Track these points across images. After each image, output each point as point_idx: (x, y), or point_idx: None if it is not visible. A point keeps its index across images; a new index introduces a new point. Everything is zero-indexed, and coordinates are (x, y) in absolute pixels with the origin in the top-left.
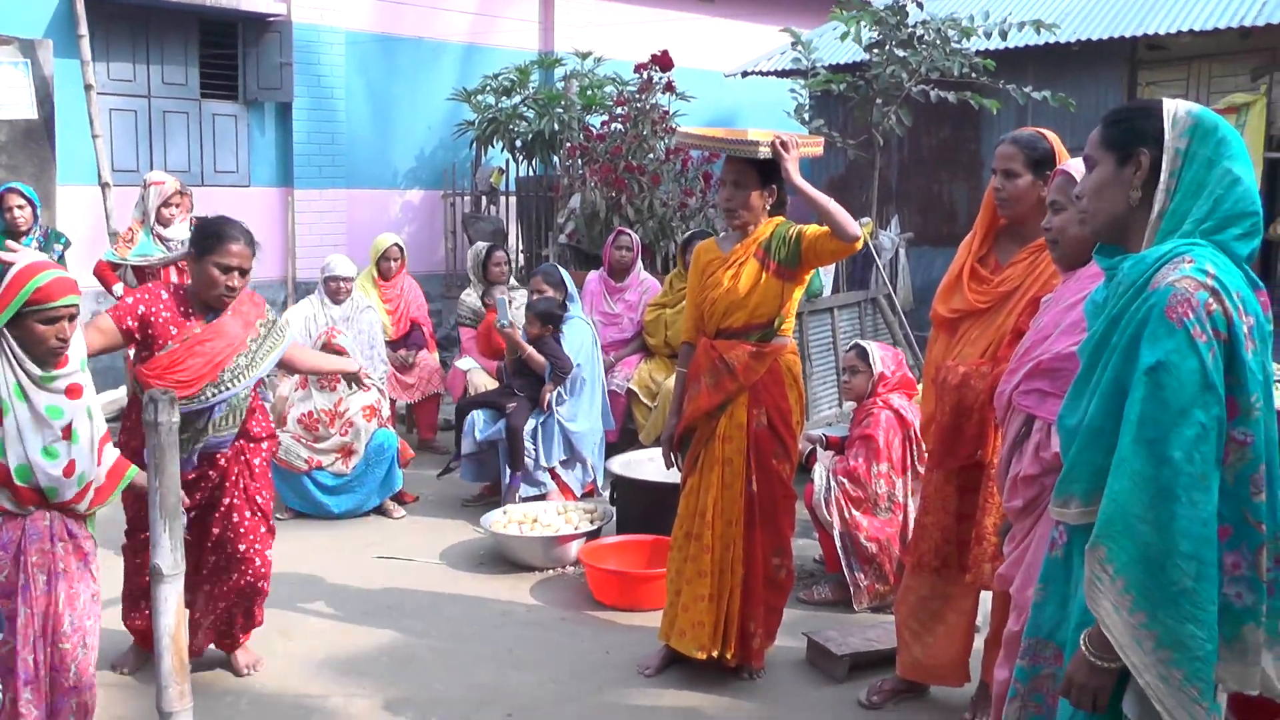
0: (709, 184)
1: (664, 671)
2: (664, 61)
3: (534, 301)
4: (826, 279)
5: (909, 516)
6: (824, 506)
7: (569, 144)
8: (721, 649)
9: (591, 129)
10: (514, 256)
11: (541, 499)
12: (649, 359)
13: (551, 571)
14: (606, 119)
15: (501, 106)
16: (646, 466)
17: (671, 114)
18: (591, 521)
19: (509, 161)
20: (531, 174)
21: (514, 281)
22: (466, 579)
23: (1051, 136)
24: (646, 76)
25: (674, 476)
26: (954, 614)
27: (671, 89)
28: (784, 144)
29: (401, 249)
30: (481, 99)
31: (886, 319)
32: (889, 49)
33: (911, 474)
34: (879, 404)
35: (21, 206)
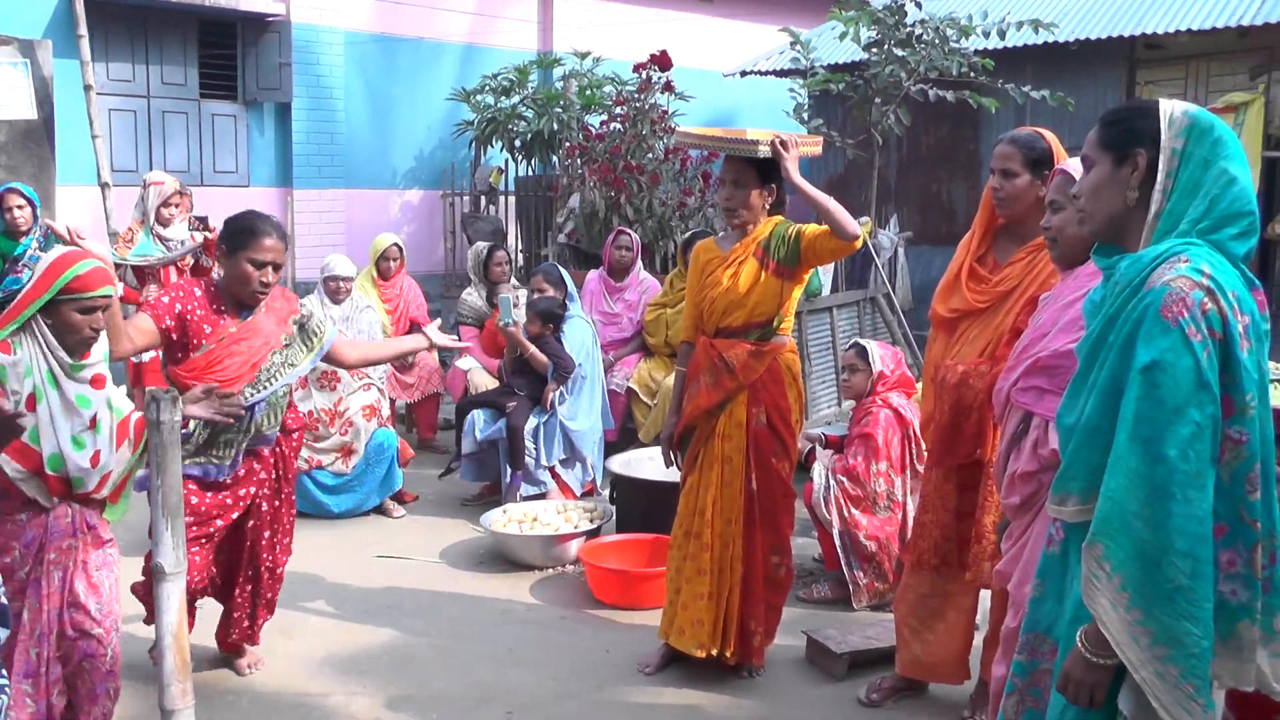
0: (708, 183)
1: (664, 670)
2: (663, 61)
3: (535, 300)
4: (826, 278)
5: (908, 515)
6: (823, 505)
7: (568, 144)
8: (721, 647)
9: (590, 129)
10: (513, 256)
11: (541, 498)
12: (648, 358)
13: (551, 570)
14: (605, 119)
15: (500, 106)
16: (646, 465)
17: (670, 114)
18: (591, 520)
19: (508, 161)
20: (530, 174)
21: (515, 281)
22: (466, 578)
23: (1049, 136)
24: (645, 76)
25: (673, 475)
26: (953, 612)
27: (670, 89)
28: (783, 143)
29: (401, 249)
30: (480, 99)
31: (885, 318)
32: (888, 48)
33: (910, 472)
34: (878, 403)
35: (21, 206)
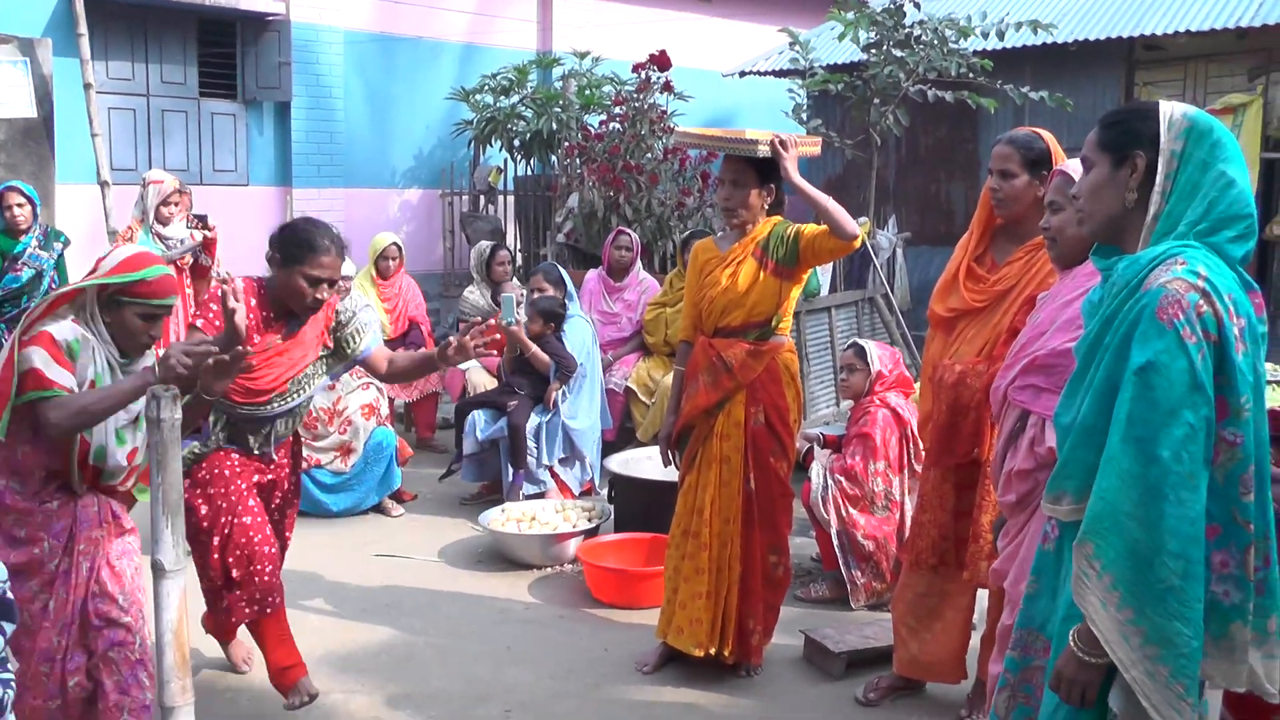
0: (707, 183)
1: (662, 669)
2: (662, 61)
3: (537, 299)
4: (824, 278)
5: (906, 515)
6: (821, 505)
7: (567, 143)
8: (719, 646)
9: (589, 128)
10: (512, 256)
11: (541, 497)
12: (646, 357)
13: (550, 569)
14: (604, 118)
15: (500, 106)
16: (644, 464)
17: (669, 114)
18: (590, 519)
19: (507, 161)
20: (529, 173)
21: (515, 281)
22: (465, 577)
23: (1047, 136)
24: (644, 76)
25: (672, 474)
26: (951, 611)
27: (669, 89)
28: (782, 143)
29: (400, 248)
30: (480, 98)
31: (884, 318)
32: (886, 49)
33: (908, 472)
34: (876, 402)
35: (21, 205)
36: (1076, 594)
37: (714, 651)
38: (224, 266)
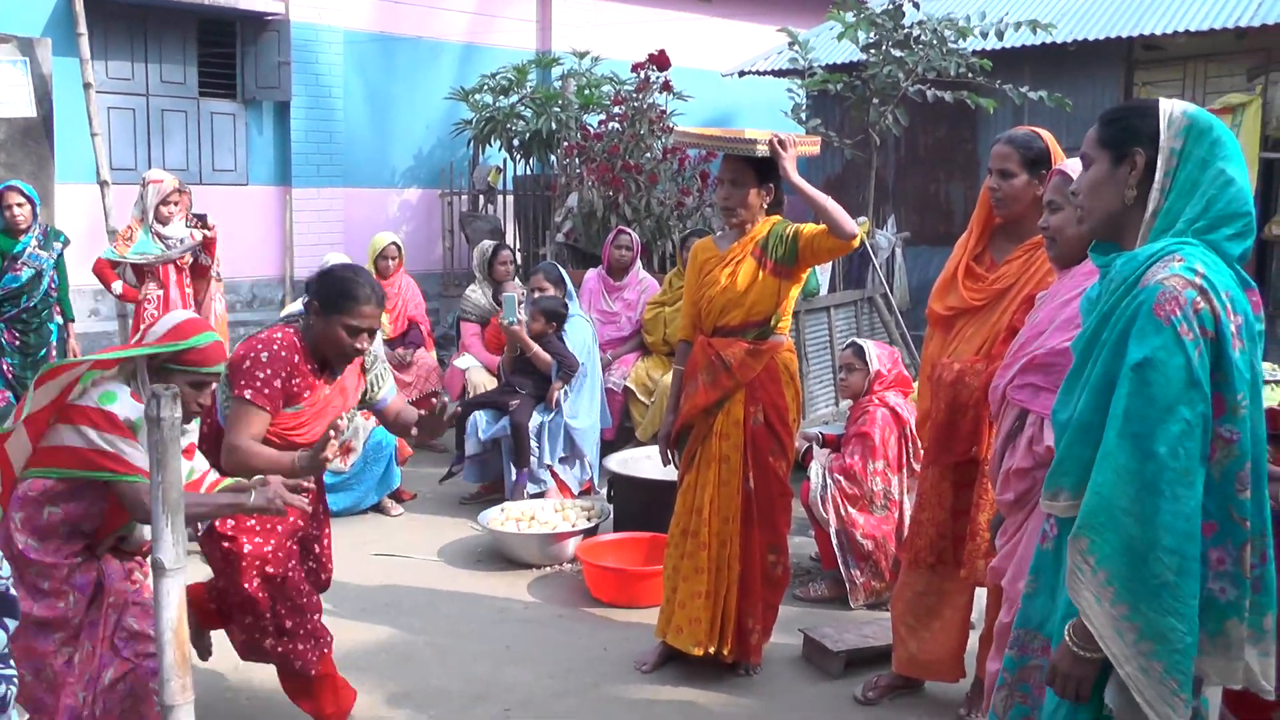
0: (706, 183)
1: (661, 667)
2: (661, 61)
3: (539, 299)
4: (823, 278)
5: (905, 514)
6: (820, 504)
7: (566, 143)
8: (718, 645)
9: (589, 128)
10: (513, 255)
11: (540, 497)
12: (645, 357)
13: (549, 569)
14: (604, 118)
15: (499, 106)
16: (644, 464)
17: (669, 113)
18: (589, 519)
19: (506, 160)
20: (529, 173)
21: (517, 281)
22: (464, 576)
23: (1046, 136)
24: (644, 76)
25: (671, 474)
26: (949, 610)
27: (669, 88)
28: (781, 142)
29: (399, 248)
30: (479, 98)
31: (883, 318)
32: (886, 49)
33: (907, 471)
34: (875, 402)
35: (21, 205)
36: (1071, 589)
37: (713, 650)
38: (223, 266)
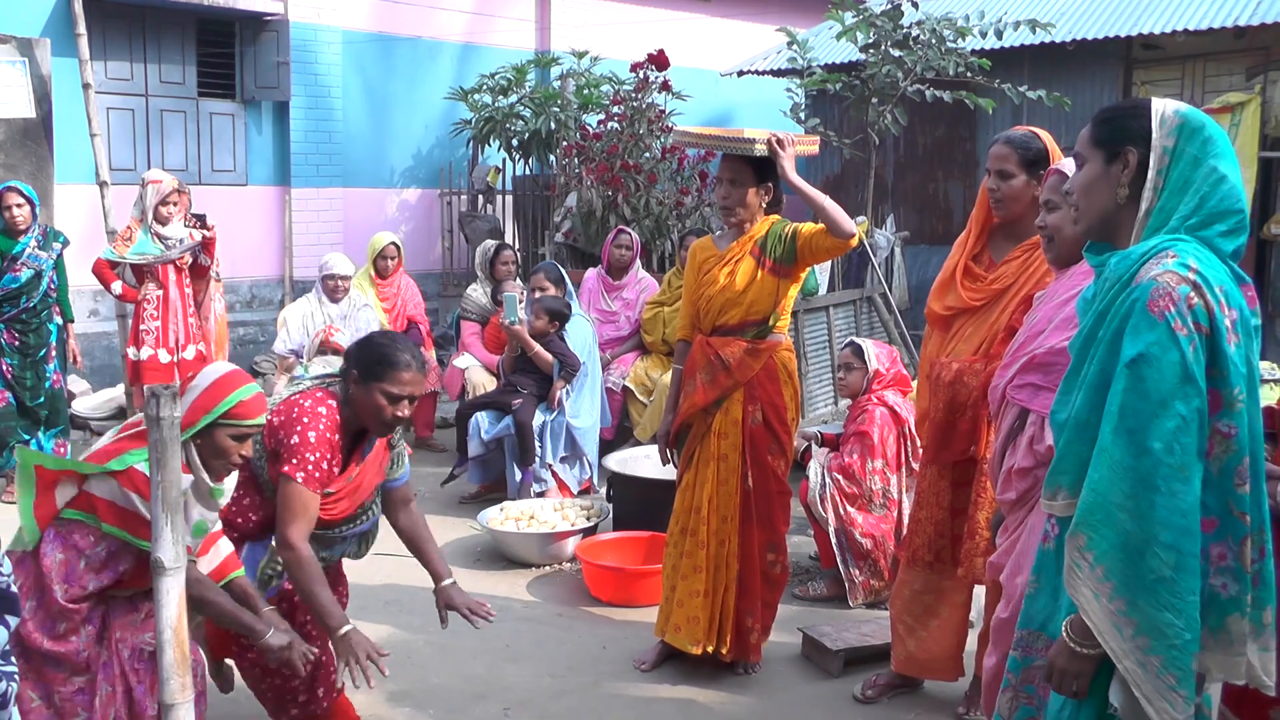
0: (705, 182)
1: (660, 666)
2: (660, 60)
3: (542, 298)
4: (822, 278)
5: (903, 513)
6: (819, 503)
7: (565, 143)
8: (716, 644)
9: (588, 128)
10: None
11: (541, 496)
12: (644, 356)
13: (548, 568)
14: (603, 118)
15: (498, 105)
16: (643, 463)
17: (668, 113)
18: (588, 518)
19: (505, 160)
20: (528, 173)
21: (517, 281)
22: (464, 575)
23: (1044, 135)
24: (643, 75)
25: (670, 473)
26: (947, 608)
27: (668, 88)
28: (780, 142)
29: (399, 247)
30: (478, 98)
31: (882, 317)
32: (884, 49)
33: (906, 470)
34: (874, 401)
35: (20, 205)
36: (1068, 585)
37: (711, 649)
38: (223, 266)
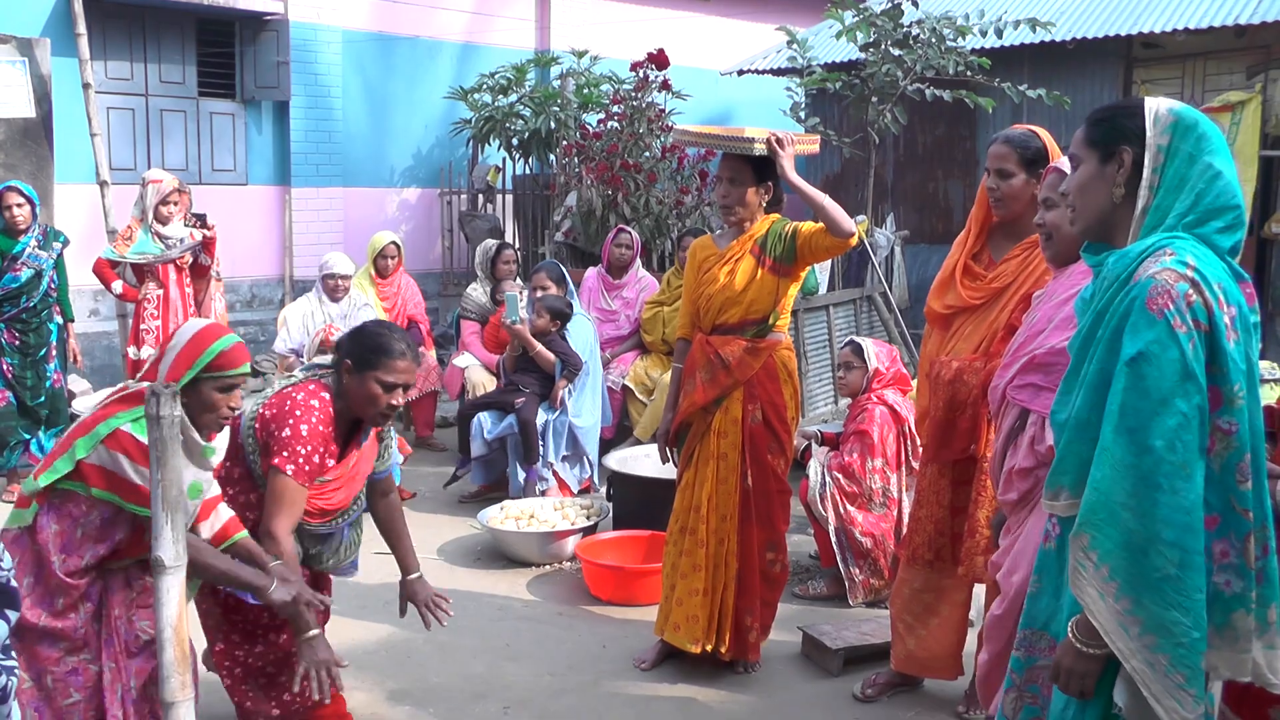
0: (705, 182)
1: (659, 665)
2: (660, 60)
3: (544, 297)
4: (822, 277)
5: (903, 511)
6: (819, 502)
7: (565, 142)
8: (716, 643)
9: (588, 127)
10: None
11: (542, 495)
12: (644, 355)
13: (548, 567)
14: (603, 117)
15: (498, 105)
16: (643, 462)
17: (667, 112)
18: (588, 517)
19: (505, 160)
20: (528, 172)
21: (519, 280)
22: (464, 574)
23: (1043, 134)
24: (642, 75)
25: (670, 472)
26: (947, 607)
27: (667, 87)
28: (779, 141)
29: (399, 247)
30: (478, 97)
31: (882, 316)
32: (884, 48)
33: (906, 469)
34: (874, 400)
35: (20, 205)
36: (1074, 585)
37: (710, 648)
38: (223, 265)
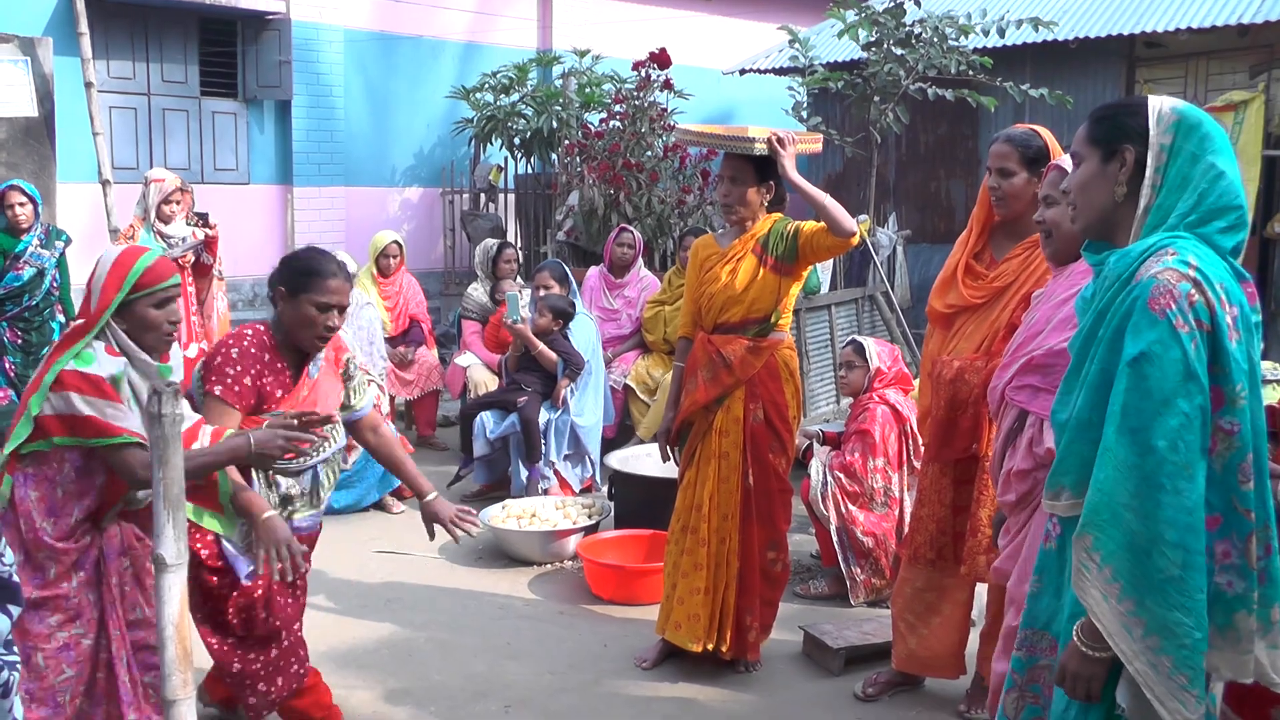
0: (707, 181)
1: (661, 664)
2: (662, 59)
3: (546, 296)
4: (824, 276)
5: (905, 511)
6: (820, 501)
7: (567, 141)
8: (717, 642)
9: (590, 126)
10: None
11: (544, 494)
12: (646, 355)
13: (549, 566)
14: (605, 116)
15: (500, 104)
16: (644, 461)
17: (669, 111)
18: (589, 516)
19: (507, 159)
20: (530, 171)
21: (520, 280)
22: (465, 573)
23: (1045, 133)
24: (644, 74)
25: (671, 471)
26: (949, 606)
27: (669, 86)
28: (780, 140)
29: (400, 246)
30: (480, 97)
31: (884, 316)
32: (886, 47)
33: (907, 469)
34: (875, 399)
35: (23, 204)
36: (1077, 587)
37: (712, 647)
38: (225, 264)
